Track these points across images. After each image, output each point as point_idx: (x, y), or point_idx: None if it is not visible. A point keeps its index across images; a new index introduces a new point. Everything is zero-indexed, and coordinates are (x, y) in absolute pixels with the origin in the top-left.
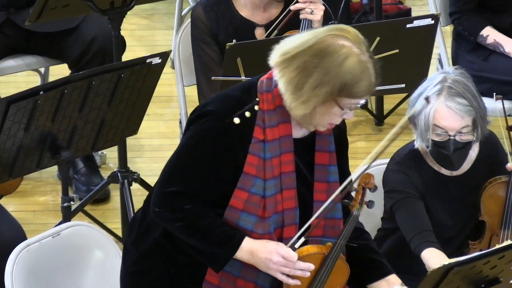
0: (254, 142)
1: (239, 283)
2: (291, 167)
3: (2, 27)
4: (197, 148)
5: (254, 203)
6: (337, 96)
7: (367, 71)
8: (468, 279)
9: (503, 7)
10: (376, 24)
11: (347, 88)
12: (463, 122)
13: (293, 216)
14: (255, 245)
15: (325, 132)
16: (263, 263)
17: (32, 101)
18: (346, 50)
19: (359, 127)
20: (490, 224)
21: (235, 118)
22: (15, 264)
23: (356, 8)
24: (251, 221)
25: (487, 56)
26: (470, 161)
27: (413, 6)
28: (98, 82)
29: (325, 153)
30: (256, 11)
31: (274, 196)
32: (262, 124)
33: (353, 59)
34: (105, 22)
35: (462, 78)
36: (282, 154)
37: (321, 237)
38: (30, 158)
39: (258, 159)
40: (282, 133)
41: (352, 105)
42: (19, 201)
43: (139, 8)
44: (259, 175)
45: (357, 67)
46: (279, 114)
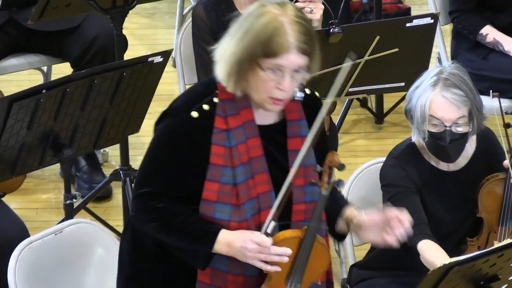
0: (217, 132)
1: (229, 278)
2: (260, 152)
3: (4, 26)
4: (162, 146)
5: (227, 193)
6: (258, 58)
7: (282, 28)
8: (467, 277)
9: (502, 6)
10: (376, 23)
11: (263, 46)
12: (459, 113)
13: (268, 199)
14: (231, 236)
15: (295, 117)
16: (240, 253)
17: (35, 99)
18: (266, 11)
19: (359, 125)
20: (488, 221)
21: (193, 112)
22: (18, 261)
23: (356, 7)
24: (227, 210)
25: (486, 55)
26: (467, 157)
27: (412, 5)
28: (100, 81)
29: (297, 138)
30: None
31: (246, 182)
32: (223, 114)
33: (268, 16)
34: (107, 21)
35: (458, 71)
36: (248, 139)
37: (303, 221)
38: (33, 156)
39: (224, 148)
40: (244, 119)
41: (272, 65)
42: (21, 198)
43: (140, 7)
44: (227, 164)
45: (271, 24)
46: (238, 101)
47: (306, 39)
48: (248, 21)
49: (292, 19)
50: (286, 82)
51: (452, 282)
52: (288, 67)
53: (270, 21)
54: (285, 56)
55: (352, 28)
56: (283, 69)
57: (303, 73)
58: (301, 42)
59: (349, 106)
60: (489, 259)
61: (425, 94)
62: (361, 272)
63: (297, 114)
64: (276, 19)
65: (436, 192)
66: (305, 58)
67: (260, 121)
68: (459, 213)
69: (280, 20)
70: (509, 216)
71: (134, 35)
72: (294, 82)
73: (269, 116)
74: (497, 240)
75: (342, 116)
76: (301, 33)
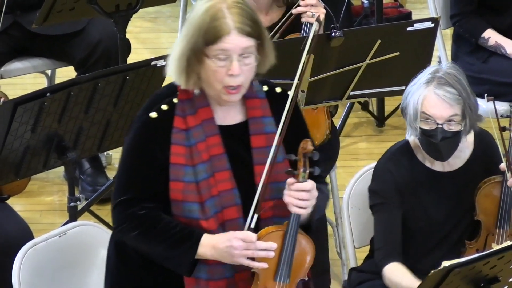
0: (176, 132)
1: (211, 285)
2: (220, 150)
3: (9, 29)
4: (129, 152)
5: (192, 191)
6: (203, 47)
7: (220, 13)
8: (468, 278)
9: (502, 7)
10: (377, 27)
11: (204, 34)
12: (452, 111)
13: (231, 197)
14: (214, 238)
15: (257, 114)
16: (226, 253)
17: (39, 102)
18: (206, 2)
19: (360, 128)
20: (486, 224)
21: (152, 113)
22: (22, 263)
23: (358, 11)
24: (195, 209)
25: (486, 58)
26: (464, 158)
27: (413, 10)
28: (103, 84)
29: (261, 135)
30: (259, 13)
31: (207, 180)
32: (182, 114)
33: (206, 4)
34: (110, 25)
35: (453, 71)
36: (208, 137)
37: (271, 218)
38: (37, 158)
39: (184, 147)
40: (202, 117)
41: (217, 51)
42: (26, 201)
43: (144, 11)
44: (188, 163)
45: (210, 11)
46: (196, 101)
47: (246, 20)
48: (191, 16)
49: (231, 4)
50: (235, 66)
51: (452, 284)
52: (232, 50)
53: (208, 9)
54: (226, 39)
55: (353, 32)
56: (229, 53)
57: (253, 56)
58: (240, 23)
59: (350, 109)
60: (489, 261)
61: (418, 91)
62: (360, 275)
63: (260, 111)
64: (214, 6)
65: (430, 193)
66: (250, 40)
67: (223, 121)
68: (454, 214)
69: (218, 7)
70: (506, 218)
71: (137, 38)
72: (245, 67)
73: (233, 116)
74: (495, 243)
75: (343, 119)
76: (240, 15)
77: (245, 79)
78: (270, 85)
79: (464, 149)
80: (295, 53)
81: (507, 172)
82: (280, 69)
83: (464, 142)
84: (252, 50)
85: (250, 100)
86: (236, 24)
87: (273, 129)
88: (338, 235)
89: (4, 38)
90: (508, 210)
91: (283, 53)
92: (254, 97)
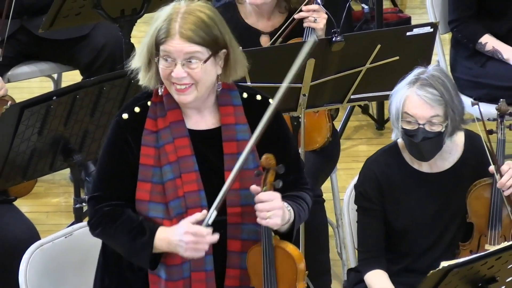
0: (146, 133)
1: (169, 286)
2: (188, 151)
3: (16, 34)
4: (103, 152)
5: (159, 192)
6: (154, 45)
7: (174, 16)
8: (466, 278)
9: (500, 14)
10: (377, 32)
11: (157, 32)
12: (433, 111)
13: (196, 199)
14: (168, 232)
15: (230, 121)
16: (179, 247)
17: (45, 106)
18: (172, 5)
19: (360, 131)
20: (478, 225)
21: (124, 114)
22: (29, 263)
23: (358, 16)
24: (160, 209)
25: (484, 63)
26: (452, 160)
27: (412, 15)
28: (109, 88)
29: (232, 142)
30: (261, 19)
31: (173, 181)
32: (154, 116)
33: (168, 8)
34: (115, 29)
35: (438, 73)
36: (176, 139)
37: (241, 224)
38: (43, 161)
39: (154, 149)
40: (171, 119)
41: (162, 52)
42: (32, 202)
43: (148, 16)
44: (156, 164)
45: (166, 13)
46: (166, 103)
47: (196, 28)
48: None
49: (188, 10)
50: (177, 69)
51: (451, 284)
52: (175, 53)
53: (168, 10)
54: (170, 42)
55: (354, 36)
56: (173, 57)
57: (200, 63)
58: (187, 30)
59: (351, 112)
60: (487, 261)
61: (401, 91)
62: (358, 275)
63: (233, 118)
64: (174, 8)
65: (416, 193)
66: (196, 47)
67: (196, 126)
68: (442, 216)
69: (176, 10)
70: (497, 219)
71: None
72: (191, 70)
73: (206, 122)
74: (488, 244)
75: (344, 122)
76: (190, 23)
77: (195, 82)
78: (250, 92)
79: (453, 151)
80: None
81: (496, 174)
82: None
83: (453, 144)
84: (198, 57)
85: (224, 107)
86: (181, 30)
87: (245, 136)
88: (338, 236)
89: (11, 43)
90: (499, 211)
91: (286, 57)
92: (228, 104)
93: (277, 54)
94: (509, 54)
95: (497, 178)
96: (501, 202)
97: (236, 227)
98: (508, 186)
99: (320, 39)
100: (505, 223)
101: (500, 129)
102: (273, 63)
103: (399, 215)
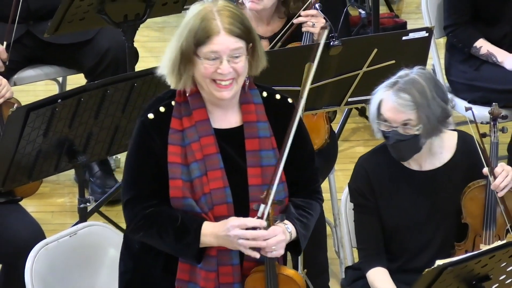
0: (172, 132)
1: (202, 275)
2: (214, 149)
3: (22, 38)
4: (131, 152)
5: (188, 189)
6: (194, 48)
7: (210, 14)
8: (460, 277)
9: (494, 20)
10: (374, 37)
11: (194, 35)
12: (404, 116)
13: (222, 195)
14: (216, 227)
15: (252, 119)
16: (227, 241)
17: (51, 108)
18: (198, 7)
19: (357, 133)
20: (473, 226)
21: (149, 114)
22: (35, 262)
23: (355, 21)
24: (194, 204)
25: (478, 66)
26: (443, 159)
27: (408, 20)
28: (112, 91)
29: (255, 139)
30: (260, 24)
31: (200, 178)
32: (178, 115)
33: (198, 7)
34: (119, 34)
35: (419, 77)
36: (201, 138)
37: None
38: (49, 162)
39: (180, 147)
40: (197, 118)
41: (207, 53)
42: (38, 202)
43: (151, 21)
44: (183, 162)
45: (200, 14)
46: (192, 102)
47: (235, 22)
48: (183, 20)
49: (221, 7)
50: (224, 65)
51: (445, 282)
52: (222, 50)
53: (199, 11)
54: (216, 39)
55: (351, 41)
56: (219, 54)
57: (244, 57)
58: (229, 24)
59: (348, 115)
60: (481, 260)
61: (379, 93)
62: (355, 272)
63: (254, 116)
64: (205, 9)
65: (406, 191)
66: (239, 41)
67: (220, 125)
68: (434, 214)
69: (208, 9)
70: (492, 220)
71: (145, 47)
72: (235, 65)
73: (230, 120)
74: (483, 243)
75: (341, 124)
76: (229, 17)
77: (237, 76)
78: (270, 91)
79: (444, 151)
80: (297, 61)
81: (489, 176)
82: (282, 76)
83: (444, 143)
84: (242, 51)
85: (246, 105)
86: (225, 25)
87: (266, 133)
88: (336, 235)
89: (17, 47)
90: (493, 212)
91: (285, 61)
92: (250, 102)
93: (276, 58)
94: (504, 57)
95: (491, 180)
96: (495, 203)
97: None
98: (501, 188)
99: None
100: (499, 223)
101: (493, 132)
102: (272, 66)
103: (391, 213)
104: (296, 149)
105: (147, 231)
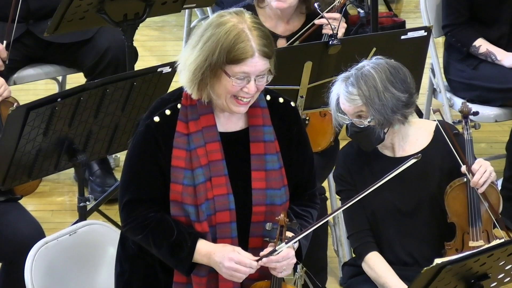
0: (178, 136)
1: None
2: (219, 156)
3: (22, 38)
4: (132, 153)
5: (189, 194)
6: (223, 64)
7: (243, 34)
8: (459, 275)
9: (492, 21)
10: (373, 36)
11: (227, 53)
12: (354, 108)
13: (225, 202)
14: (211, 248)
15: (258, 123)
16: (218, 267)
17: (50, 107)
18: (225, 20)
19: None
20: (459, 224)
21: (155, 117)
22: (34, 260)
23: (354, 20)
24: (191, 211)
25: (476, 65)
26: (419, 146)
27: (407, 19)
28: (112, 90)
29: (260, 143)
30: (279, 22)
31: (204, 184)
32: (185, 119)
33: (228, 24)
34: (118, 33)
35: (373, 70)
36: (207, 143)
37: (263, 222)
38: (48, 161)
39: (185, 152)
40: (204, 124)
41: (238, 72)
42: (38, 201)
43: (150, 20)
44: (187, 167)
45: (232, 31)
46: (200, 107)
47: (266, 42)
48: (209, 31)
49: (251, 25)
50: (251, 86)
51: (444, 280)
52: (252, 72)
53: (230, 28)
54: (250, 61)
55: (350, 40)
56: (248, 75)
57: (267, 76)
58: (262, 46)
59: None
60: (479, 258)
61: (335, 85)
62: (352, 268)
63: (260, 120)
64: (236, 26)
65: (380, 177)
66: (267, 62)
67: (225, 128)
68: (410, 200)
69: (240, 27)
70: (477, 216)
71: (144, 46)
72: (259, 84)
73: (235, 123)
74: (472, 240)
75: None
76: (261, 37)
77: (256, 95)
78: (273, 95)
79: (420, 138)
80: (296, 60)
81: (468, 174)
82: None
83: (419, 130)
84: (267, 71)
85: (252, 109)
86: (258, 47)
87: (271, 138)
88: (335, 234)
89: (17, 46)
90: (477, 208)
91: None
92: (256, 106)
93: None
94: (502, 56)
95: (470, 177)
96: (478, 199)
97: (259, 225)
98: (481, 184)
99: (317, 43)
100: (485, 218)
101: (466, 130)
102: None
103: (369, 199)
104: (297, 153)
105: (142, 238)
